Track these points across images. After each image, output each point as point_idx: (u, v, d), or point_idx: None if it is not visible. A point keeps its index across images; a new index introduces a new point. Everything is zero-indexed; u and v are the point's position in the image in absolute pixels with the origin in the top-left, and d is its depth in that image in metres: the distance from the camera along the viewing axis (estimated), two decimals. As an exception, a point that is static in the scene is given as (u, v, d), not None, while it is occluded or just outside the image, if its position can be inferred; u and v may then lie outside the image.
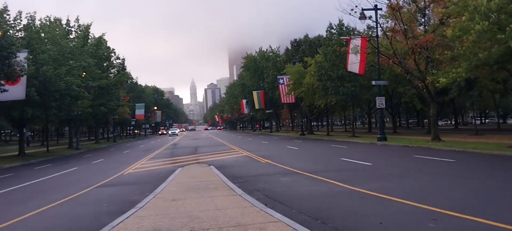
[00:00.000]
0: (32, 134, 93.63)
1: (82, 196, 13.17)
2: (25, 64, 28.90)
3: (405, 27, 30.28)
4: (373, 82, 34.93)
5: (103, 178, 17.73)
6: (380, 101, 33.76)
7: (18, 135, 65.74)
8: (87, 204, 11.68)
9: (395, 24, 31.31)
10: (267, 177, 14.83)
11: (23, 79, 29.91)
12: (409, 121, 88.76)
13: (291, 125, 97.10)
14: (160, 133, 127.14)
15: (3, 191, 15.84)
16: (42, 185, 17.21)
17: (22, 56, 28.57)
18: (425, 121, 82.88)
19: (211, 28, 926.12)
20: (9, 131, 78.63)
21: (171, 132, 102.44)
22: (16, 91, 29.71)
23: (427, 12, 32.93)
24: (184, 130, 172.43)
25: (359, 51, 33.80)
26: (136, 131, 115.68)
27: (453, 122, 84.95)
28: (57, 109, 39.26)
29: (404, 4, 32.15)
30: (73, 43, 50.12)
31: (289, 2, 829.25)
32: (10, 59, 26.03)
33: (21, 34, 37.79)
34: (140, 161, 26.43)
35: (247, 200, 9.83)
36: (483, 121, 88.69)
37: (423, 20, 32.43)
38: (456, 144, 25.64)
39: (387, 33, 33.05)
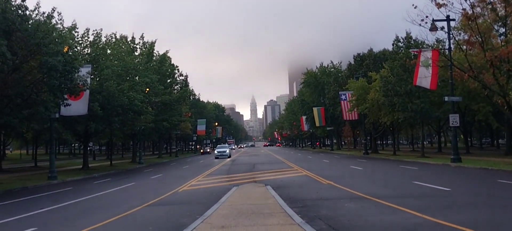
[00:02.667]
0: (99, 148, 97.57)
1: (130, 216, 12.31)
2: (88, 79, 29.33)
3: (482, 38, 27.56)
4: (446, 98, 32.18)
5: (157, 195, 16.96)
6: (454, 119, 30.89)
7: (90, 148, 68.47)
8: (132, 226, 10.79)
9: (471, 35, 28.60)
10: (330, 202, 13.23)
11: (86, 95, 30.36)
12: (482, 140, 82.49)
13: (353, 143, 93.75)
14: (202, 151, 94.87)
15: (55, 206, 15.46)
16: (95, 202, 16.72)
17: (84, 71, 29.01)
18: (499, 140, 76.69)
19: (272, 46, 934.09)
20: (78, 144, 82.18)
21: (218, 152, 59.28)
22: (79, 106, 30.18)
23: (507, 21, 29.93)
24: (239, 146, 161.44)
25: (431, 64, 31.22)
26: (198, 146, 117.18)
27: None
28: (120, 124, 39.87)
29: (480, 14, 29.31)
30: (137, 60, 51.34)
31: (351, 17, 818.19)
32: (73, 73, 26.39)
33: (87, 50, 39.06)
34: (197, 177, 25.67)
35: (308, 231, 8.38)
36: None
37: (503, 30, 29.47)
38: (546, 168, 22.56)
39: (461, 46, 30.37)
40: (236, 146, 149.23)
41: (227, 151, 59.30)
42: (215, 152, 62.30)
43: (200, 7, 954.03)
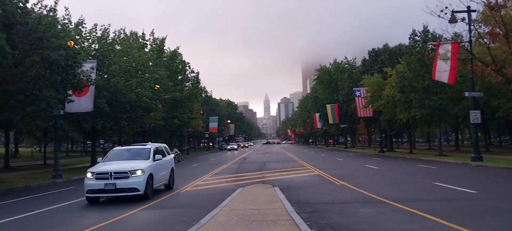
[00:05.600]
0: (112, 145, 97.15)
1: (119, 222, 11.15)
2: (92, 75, 28.37)
3: (506, 29, 25.94)
4: (466, 94, 30.56)
5: (158, 197, 15.84)
6: (475, 116, 29.32)
7: (102, 146, 67.95)
8: (119, 235, 9.63)
9: (493, 26, 26.96)
10: (343, 206, 11.95)
11: (91, 91, 29.44)
12: (501, 138, 79.93)
13: (367, 140, 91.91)
14: None
15: (44, 209, 14.30)
16: (89, 204, 15.65)
17: (88, 66, 28.06)
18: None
19: (286, 43, 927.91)
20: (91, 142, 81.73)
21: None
22: (83, 102, 29.27)
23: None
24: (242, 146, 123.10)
25: (450, 58, 29.64)
26: (210, 144, 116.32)
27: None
28: (128, 121, 38.96)
29: (503, 4, 27.57)
30: (147, 56, 50.51)
31: (367, 12, 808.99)
32: (75, 68, 25.46)
33: (95, 46, 38.23)
34: (204, 176, 24.55)
35: (316, 245, 7.14)
36: None
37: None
38: None
39: (483, 38, 28.72)
40: (240, 145, 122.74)
41: (132, 166, 15.75)
42: None
43: (216, 5, 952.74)
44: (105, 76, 36.39)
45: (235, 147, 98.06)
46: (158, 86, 46.16)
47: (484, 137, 56.84)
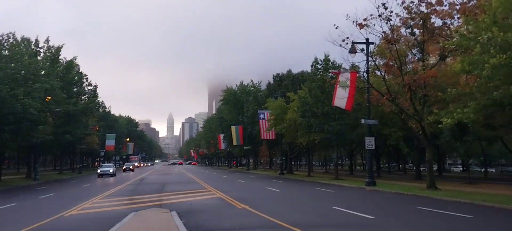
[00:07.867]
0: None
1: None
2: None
3: (400, 62, 27.68)
4: (362, 121, 32.03)
5: (34, 222, 13.72)
6: (370, 142, 30.71)
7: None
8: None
9: (389, 59, 28.63)
10: (244, 233, 11.19)
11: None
12: (390, 164, 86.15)
13: (269, 163, 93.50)
14: None
15: None
16: None
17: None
18: (406, 165, 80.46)
19: (192, 64, 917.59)
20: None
21: None
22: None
23: (424, 46, 30.53)
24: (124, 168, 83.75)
25: (349, 85, 30.94)
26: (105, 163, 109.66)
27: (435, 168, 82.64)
28: (11, 134, 34.89)
29: (398, 38, 29.45)
30: (39, 64, 46.16)
31: (273, 39, 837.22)
32: None
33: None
34: (94, 198, 22.34)
35: None
36: (464, 168, 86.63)
37: (420, 55, 29.90)
38: (458, 194, 22.59)
39: (380, 69, 30.40)
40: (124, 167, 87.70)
41: None
42: None
43: (123, 22, 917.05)
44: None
45: (111, 171, 57.43)
46: (49, 97, 42.29)
47: (375, 162, 60.43)
